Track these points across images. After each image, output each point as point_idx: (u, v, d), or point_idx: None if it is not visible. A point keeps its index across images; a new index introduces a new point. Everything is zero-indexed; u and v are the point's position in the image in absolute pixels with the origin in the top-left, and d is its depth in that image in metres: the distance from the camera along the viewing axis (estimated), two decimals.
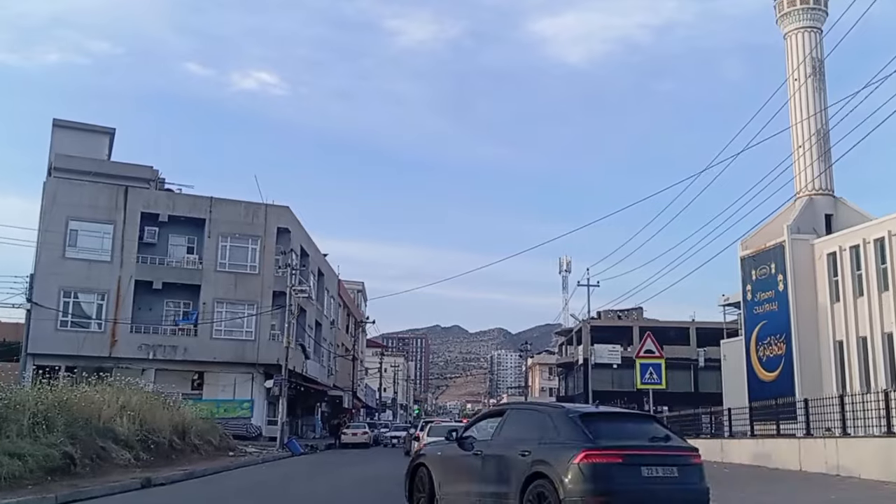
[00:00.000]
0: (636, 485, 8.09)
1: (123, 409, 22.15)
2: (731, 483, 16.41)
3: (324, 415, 58.30)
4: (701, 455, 9.02)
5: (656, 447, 8.58)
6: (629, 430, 8.93)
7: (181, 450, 24.45)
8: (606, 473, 8.00)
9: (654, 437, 8.73)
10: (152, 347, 37.92)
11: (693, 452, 8.92)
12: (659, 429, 9.16)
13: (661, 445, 8.65)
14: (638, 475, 8.15)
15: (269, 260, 40.22)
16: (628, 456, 8.21)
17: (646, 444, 8.55)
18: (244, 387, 39.33)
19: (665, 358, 62.84)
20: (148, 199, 39.53)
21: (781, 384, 34.48)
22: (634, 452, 8.32)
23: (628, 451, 8.28)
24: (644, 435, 8.75)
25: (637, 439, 8.61)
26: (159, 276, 38.90)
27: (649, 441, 8.62)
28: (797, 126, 38.42)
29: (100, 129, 43.36)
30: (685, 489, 8.44)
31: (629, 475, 8.10)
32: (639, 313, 79.38)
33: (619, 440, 8.43)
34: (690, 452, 8.89)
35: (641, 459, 8.29)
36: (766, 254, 37.78)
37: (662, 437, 8.81)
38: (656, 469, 8.29)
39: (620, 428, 8.94)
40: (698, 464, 8.80)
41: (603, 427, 8.69)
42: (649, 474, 8.22)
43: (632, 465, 8.18)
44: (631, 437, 8.67)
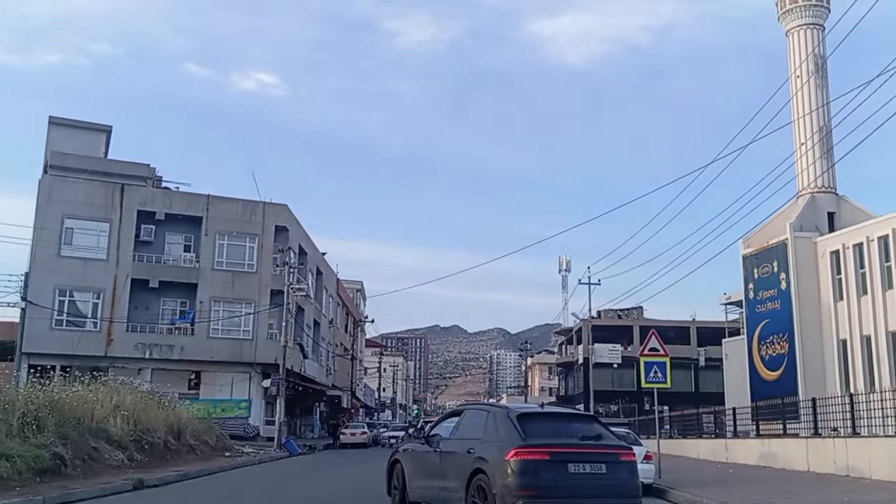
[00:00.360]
0: (563, 480, 8.62)
1: (117, 408, 21.76)
2: (737, 484, 16.02)
3: (322, 415, 57.89)
4: (633, 453, 9.49)
5: (585, 445, 9.10)
6: (563, 429, 9.51)
7: (176, 450, 24.08)
8: (534, 469, 8.56)
9: (586, 436, 9.28)
10: (149, 347, 37.49)
11: (623, 450, 9.34)
12: (594, 428, 9.72)
13: (591, 444, 9.18)
14: (565, 471, 8.68)
15: (267, 258, 39.81)
16: (555, 453, 8.76)
17: (575, 443, 9.09)
18: (241, 386, 38.91)
19: None
20: (144, 197, 39.10)
21: (784, 383, 34.17)
22: (562, 450, 8.85)
23: (556, 448, 8.83)
24: (576, 434, 9.31)
25: (567, 438, 9.17)
26: (156, 275, 38.48)
27: (579, 440, 9.17)
28: (800, 120, 38.12)
29: (96, 127, 42.95)
30: (612, 485, 8.89)
31: (556, 471, 8.65)
32: (639, 312, 79.02)
33: (549, 439, 8.99)
34: (620, 450, 9.31)
35: (569, 457, 8.81)
36: (769, 252, 37.47)
37: (594, 436, 9.38)
38: (584, 466, 8.81)
39: (554, 427, 9.54)
40: (628, 461, 9.22)
41: (537, 426, 9.26)
42: (576, 470, 8.74)
43: (559, 462, 8.71)
44: (562, 435, 9.23)
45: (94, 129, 42.61)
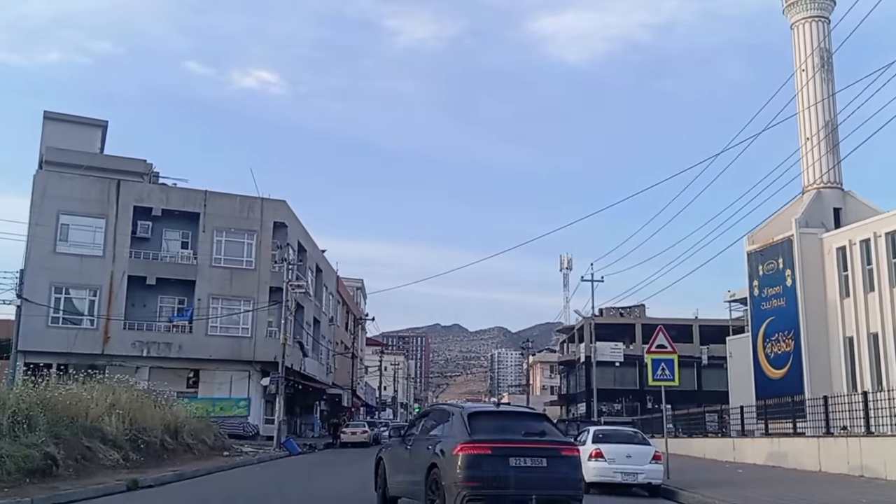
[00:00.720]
0: (504, 473, 9.28)
1: (112, 407, 21.31)
2: (748, 485, 15.55)
3: (323, 413, 57.42)
4: (576, 448, 10.34)
5: (528, 441, 9.77)
6: (509, 426, 10.16)
7: (173, 449, 23.63)
8: (478, 463, 9.26)
9: (529, 433, 9.91)
10: (146, 344, 37.01)
11: (564, 446, 10.06)
12: (541, 426, 10.34)
13: (534, 440, 9.82)
14: (506, 464, 9.34)
15: (266, 255, 39.34)
16: (497, 448, 9.42)
17: (517, 438, 9.75)
18: (240, 385, 38.44)
19: None
20: (141, 193, 38.59)
21: (790, 382, 33.69)
22: (503, 445, 9.50)
23: (498, 444, 9.48)
24: (520, 430, 9.95)
25: (511, 434, 9.82)
26: (153, 272, 37.98)
27: (522, 436, 9.82)
28: (805, 114, 37.62)
29: (92, 122, 42.47)
30: (553, 477, 9.51)
31: (498, 464, 9.31)
32: (641, 310, 78.54)
33: (493, 435, 9.67)
34: (561, 446, 9.99)
35: (510, 451, 9.47)
36: (774, 248, 36.95)
37: (538, 433, 10.00)
38: (525, 460, 9.46)
39: (501, 425, 10.21)
40: (569, 455, 9.90)
41: (485, 424, 9.99)
42: (517, 464, 9.39)
43: (501, 456, 9.37)
44: (507, 432, 9.88)
45: (90, 123, 42.13)
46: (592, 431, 15.74)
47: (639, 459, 14.65)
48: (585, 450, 15.18)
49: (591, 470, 14.74)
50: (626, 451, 14.83)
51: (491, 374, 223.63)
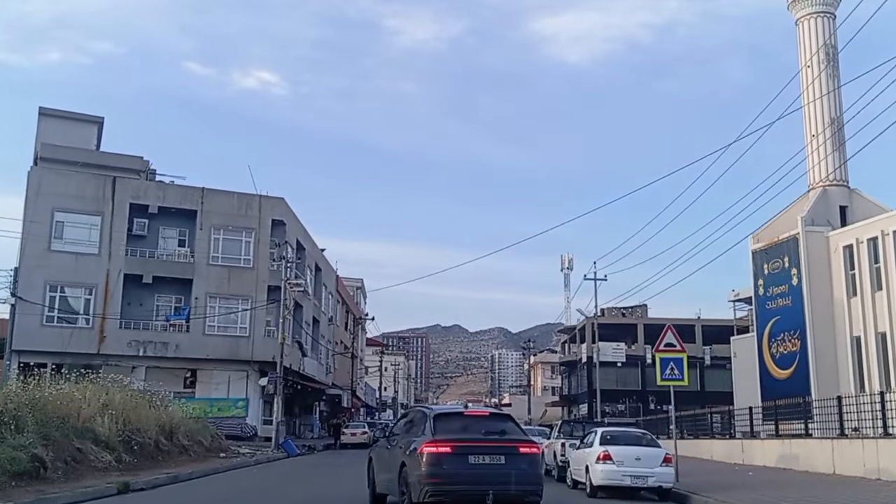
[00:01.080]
0: (464, 469, 9.98)
1: (105, 407, 20.81)
2: (762, 488, 14.99)
3: (322, 414, 56.88)
4: (538, 447, 11.09)
5: (487, 440, 10.43)
6: (471, 426, 10.83)
7: (168, 451, 23.12)
8: (439, 461, 9.95)
9: (489, 432, 10.59)
10: (142, 344, 36.45)
11: (523, 444, 10.57)
12: (502, 425, 10.94)
13: (493, 438, 10.47)
14: (466, 462, 10.05)
15: (264, 253, 38.78)
16: (457, 447, 10.09)
17: (477, 438, 10.43)
18: (238, 385, 37.89)
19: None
20: (137, 190, 38.03)
21: (796, 382, 33.18)
22: (463, 444, 10.17)
23: (458, 442, 10.15)
24: (481, 430, 10.65)
25: (472, 434, 10.52)
26: (149, 270, 37.41)
27: (482, 435, 10.51)
28: (810, 109, 37.09)
29: (88, 119, 41.90)
30: (511, 473, 10.10)
31: (458, 462, 10.00)
32: (643, 310, 77.95)
33: (454, 434, 10.35)
34: (520, 444, 10.53)
35: (469, 449, 10.16)
36: (779, 247, 36.40)
37: (498, 432, 10.62)
38: (483, 457, 10.17)
39: (464, 425, 10.87)
40: (527, 453, 10.48)
41: (449, 424, 10.69)
42: (476, 461, 10.11)
43: (460, 454, 10.06)
44: (468, 432, 10.58)
45: (86, 120, 41.56)
46: (600, 433, 15.17)
47: (648, 462, 14.08)
48: (592, 452, 14.66)
49: (598, 473, 14.20)
50: (635, 453, 14.26)
51: (491, 375, 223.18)
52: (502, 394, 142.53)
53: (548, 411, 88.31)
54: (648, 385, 69.73)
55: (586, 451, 15.11)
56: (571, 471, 16.58)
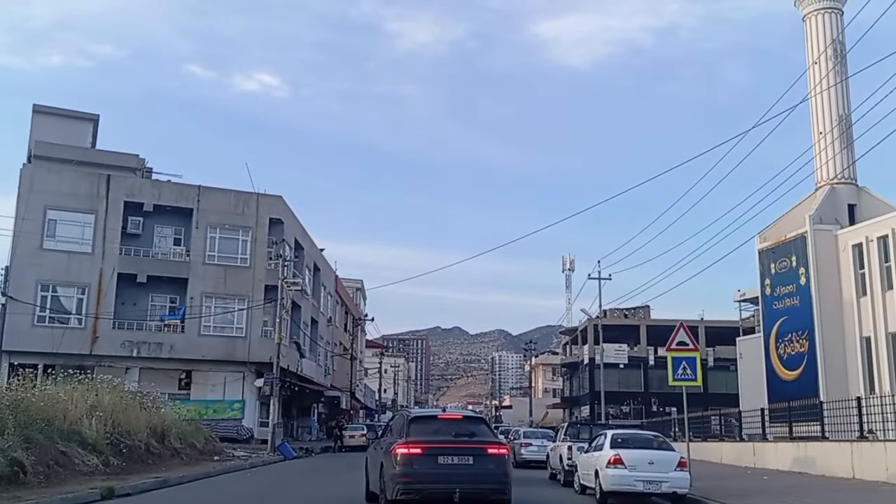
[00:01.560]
0: (433, 469, 10.58)
1: (93, 409, 20.06)
2: (782, 494, 14.18)
3: (321, 416, 56.07)
4: (506, 447, 11.76)
5: (456, 441, 11.02)
6: (443, 429, 11.38)
7: (159, 454, 22.35)
8: (410, 461, 10.58)
9: (459, 434, 11.20)
10: (136, 344, 35.64)
11: (491, 445, 11.13)
12: (474, 428, 11.61)
13: (462, 440, 11.08)
14: (435, 462, 10.66)
15: (261, 252, 37.97)
16: (427, 448, 10.71)
17: (447, 439, 11.01)
18: (235, 386, 37.08)
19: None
20: (132, 188, 37.23)
21: (804, 383, 32.52)
22: (433, 445, 10.77)
23: (428, 444, 10.76)
24: (452, 432, 11.21)
25: (443, 435, 11.09)
26: (144, 269, 36.60)
27: (452, 437, 11.10)
28: (818, 109, 36.45)
29: (83, 116, 41.17)
30: (478, 473, 10.71)
31: (427, 462, 10.62)
32: (645, 311, 77.22)
33: (426, 436, 10.93)
34: (487, 445, 11.06)
35: (439, 450, 10.75)
36: (787, 246, 35.71)
37: (468, 434, 11.24)
38: (452, 458, 10.75)
39: (436, 427, 11.44)
40: (495, 454, 11.00)
41: (422, 427, 11.34)
42: (445, 461, 10.71)
43: (430, 455, 10.66)
44: (439, 434, 11.14)
45: (81, 117, 40.82)
46: (610, 435, 14.34)
47: (662, 466, 13.28)
48: (603, 455, 13.85)
49: (609, 478, 13.40)
50: (648, 457, 13.45)
51: (492, 377, 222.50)
52: (503, 396, 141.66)
53: (549, 413, 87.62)
54: (651, 387, 69.08)
55: (596, 455, 14.32)
56: (579, 475, 15.76)
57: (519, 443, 26.83)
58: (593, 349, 70.96)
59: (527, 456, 25.61)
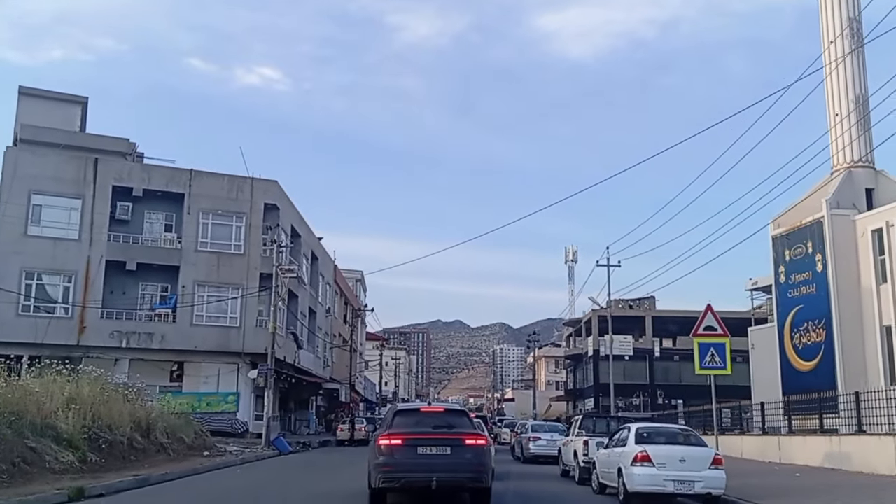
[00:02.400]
0: (412, 459, 11.17)
1: (71, 402, 18.62)
2: (823, 494, 12.70)
3: (319, 409, 54.67)
4: (485, 438, 11.87)
5: (435, 433, 11.53)
6: (424, 421, 11.98)
7: (143, 449, 20.93)
8: (391, 452, 11.27)
9: (438, 426, 11.71)
10: (125, 335, 34.20)
11: (468, 436, 11.54)
12: (454, 420, 12.07)
13: (441, 432, 11.60)
14: (414, 453, 11.24)
15: (256, 239, 36.46)
16: (407, 439, 11.32)
17: (426, 431, 11.56)
18: (229, 378, 35.65)
19: (680, 350, 58.65)
20: (120, 172, 35.69)
21: (821, 374, 31.21)
22: (412, 436, 11.36)
23: (408, 435, 11.37)
24: (432, 424, 11.77)
25: (423, 427, 11.66)
26: (133, 256, 35.11)
27: (432, 429, 11.64)
28: (833, 85, 34.96)
29: (70, 99, 39.66)
30: (456, 463, 11.21)
31: (407, 453, 11.23)
32: (651, 303, 75.83)
33: (407, 428, 11.57)
34: (465, 436, 11.54)
35: (418, 442, 11.31)
36: (802, 232, 34.35)
37: (447, 426, 11.73)
38: (431, 449, 11.30)
39: (418, 420, 12.06)
40: (472, 445, 11.44)
41: (406, 419, 12.02)
42: (424, 452, 11.26)
43: (410, 446, 11.27)
44: (420, 426, 11.73)
45: (69, 100, 39.31)
46: (635, 429, 12.82)
47: (695, 464, 11.81)
48: (627, 452, 12.39)
49: (634, 477, 11.93)
50: (679, 453, 11.97)
51: (494, 370, 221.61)
52: (505, 389, 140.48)
53: (552, 406, 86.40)
54: (657, 379, 67.76)
55: (618, 451, 12.85)
56: (598, 473, 14.26)
57: (527, 437, 25.27)
58: (598, 341, 69.62)
59: (535, 451, 24.09)
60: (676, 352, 71.44)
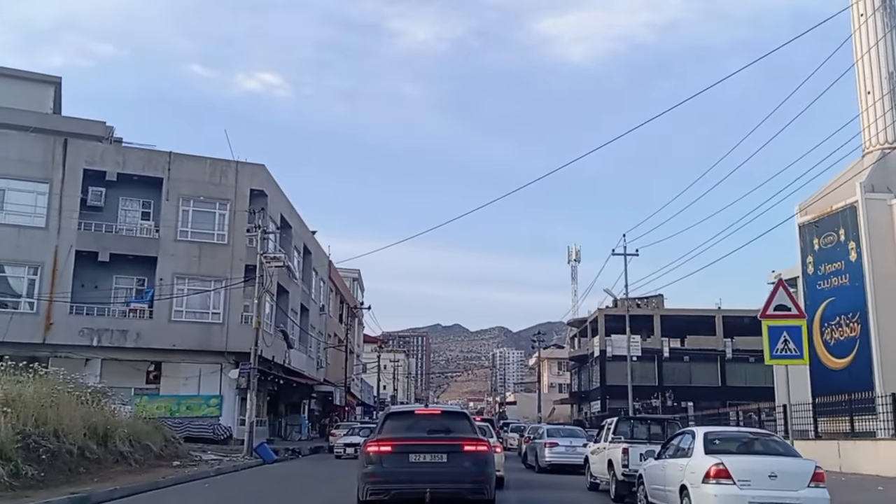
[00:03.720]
0: (403, 468, 10.45)
1: (8, 404, 15.67)
2: None
3: (312, 413, 51.64)
4: (486, 444, 10.84)
5: (430, 439, 10.79)
6: (417, 424, 11.24)
7: (98, 460, 17.95)
8: (379, 460, 10.60)
9: (434, 431, 10.97)
10: (97, 332, 31.19)
11: (468, 442, 10.71)
12: (451, 423, 11.20)
13: (436, 437, 10.83)
14: (406, 461, 10.52)
15: (241, 228, 33.37)
16: (398, 446, 10.65)
17: (419, 436, 10.85)
18: (211, 380, 32.66)
19: (690, 350, 55.74)
20: (92, 154, 32.63)
21: (855, 372, 28.71)
22: (404, 443, 10.68)
23: (399, 441, 10.69)
24: (426, 429, 11.02)
25: (416, 432, 10.94)
26: (106, 246, 32.07)
27: (426, 433, 10.92)
28: (864, 60, 32.29)
29: (42, 79, 36.76)
30: (452, 472, 10.43)
31: (398, 461, 10.53)
32: (659, 301, 73.08)
33: (397, 433, 10.94)
34: (464, 442, 10.71)
35: (410, 448, 10.61)
36: (833, 218, 31.75)
37: (443, 431, 10.97)
38: (424, 456, 10.56)
39: (411, 423, 11.35)
40: (471, 451, 10.62)
41: (397, 423, 11.41)
42: (416, 460, 10.53)
43: (401, 453, 10.57)
44: (413, 430, 11.04)
45: (40, 80, 36.38)
46: (702, 435, 9.81)
47: (790, 481, 8.85)
48: (695, 465, 9.42)
49: (709, 499, 8.93)
50: (767, 467, 9.00)
51: (494, 371, 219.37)
52: (506, 392, 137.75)
53: (556, 409, 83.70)
54: (666, 381, 65.09)
55: (680, 464, 9.89)
56: (648, 491, 11.19)
57: (542, 442, 22.15)
58: (605, 341, 66.95)
59: (552, 459, 21.02)
60: (686, 352, 68.92)
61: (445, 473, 10.31)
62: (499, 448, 17.12)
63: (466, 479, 10.38)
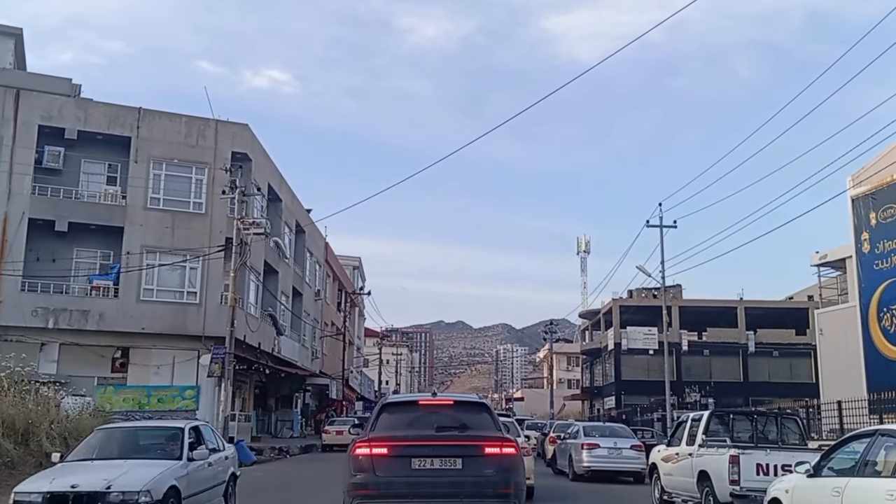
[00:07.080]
0: (403, 477, 7.89)
1: None
2: None
3: (307, 407, 47.63)
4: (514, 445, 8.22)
5: (439, 438, 8.18)
6: (423, 419, 8.53)
7: (16, 463, 14.08)
8: (371, 465, 7.97)
9: (444, 427, 8.31)
10: (53, 313, 27.14)
11: (489, 442, 8.13)
12: (467, 418, 8.52)
13: (448, 435, 8.23)
14: (407, 467, 7.97)
15: (221, 195, 29.39)
16: (396, 447, 8.07)
17: (426, 435, 8.20)
18: (186, 368, 28.60)
19: (710, 342, 51.88)
20: (49, 108, 28.45)
21: None
22: (404, 444, 8.12)
23: (397, 442, 8.11)
24: (434, 425, 8.33)
25: (421, 429, 8.27)
26: (65, 215, 27.94)
27: (434, 431, 8.26)
28: None
29: (1, 30, 32.72)
30: (469, 482, 7.92)
31: (396, 467, 7.96)
32: (676, 291, 68.97)
33: (397, 431, 8.25)
34: (485, 442, 8.14)
35: (413, 450, 8.06)
36: (893, 188, 28.22)
37: (457, 427, 8.36)
38: (431, 461, 8.00)
39: (414, 418, 8.60)
40: (494, 454, 8.09)
41: (396, 417, 8.59)
42: (421, 466, 7.97)
43: (400, 457, 8.01)
44: (416, 426, 8.36)
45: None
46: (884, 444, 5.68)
47: None
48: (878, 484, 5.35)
49: None
50: None
51: (497, 367, 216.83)
52: (513, 389, 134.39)
53: (566, 405, 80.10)
54: (684, 376, 61.37)
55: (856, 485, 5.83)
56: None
57: (578, 443, 17.88)
58: (619, 333, 63.29)
59: (592, 463, 16.88)
60: (705, 345, 65.25)
61: (460, 484, 7.89)
62: (528, 450, 13.28)
63: (488, 492, 7.95)
